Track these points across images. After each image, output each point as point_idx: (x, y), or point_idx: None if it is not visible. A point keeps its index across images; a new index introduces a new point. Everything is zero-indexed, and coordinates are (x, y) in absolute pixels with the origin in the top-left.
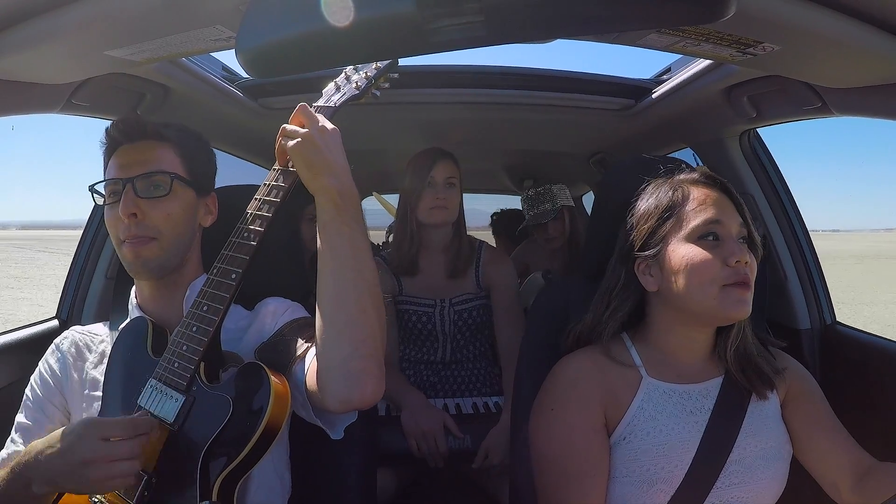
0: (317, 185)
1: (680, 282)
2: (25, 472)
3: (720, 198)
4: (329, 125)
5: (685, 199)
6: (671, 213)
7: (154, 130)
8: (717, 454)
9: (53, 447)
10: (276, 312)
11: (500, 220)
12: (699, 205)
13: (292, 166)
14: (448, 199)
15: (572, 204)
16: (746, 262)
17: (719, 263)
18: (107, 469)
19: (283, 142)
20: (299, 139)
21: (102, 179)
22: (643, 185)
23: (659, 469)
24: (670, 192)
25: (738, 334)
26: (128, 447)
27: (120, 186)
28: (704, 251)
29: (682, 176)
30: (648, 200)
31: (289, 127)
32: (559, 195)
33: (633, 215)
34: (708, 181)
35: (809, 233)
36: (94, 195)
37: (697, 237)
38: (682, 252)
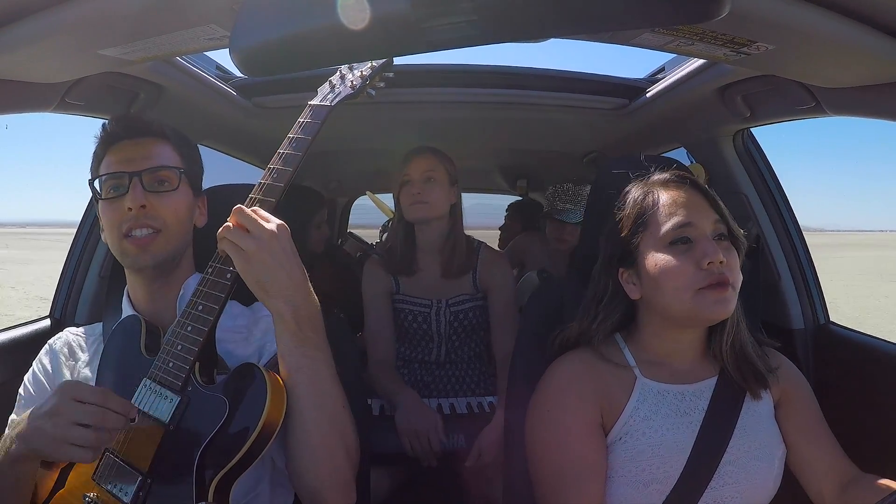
0: (270, 307)
1: (657, 289)
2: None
3: (691, 197)
4: (274, 226)
5: (654, 204)
6: (642, 219)
7: (158, 128)
8: (711, 454)
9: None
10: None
11: (522, 208)
12: (668, 209)
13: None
14: (426, 194)
15: None
16: (722, 262)
17: (692, 268)
18: (66, 428)
19: (224, 242)
20: (244, 253)
21: (103, 174)
22: (622, 192)
23: (654, 469)
24: (640, 198)
25: (732, 328)
26: (92, 414)
27: (126, 180)
28: (676, 257)
29: (653, 178)
30: (623, 208)
31: (231, 235)
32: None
33: (611, 223)
34: (678, 181)
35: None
36: (95, 191)
37: (669, 243)
38: (654, 260)
